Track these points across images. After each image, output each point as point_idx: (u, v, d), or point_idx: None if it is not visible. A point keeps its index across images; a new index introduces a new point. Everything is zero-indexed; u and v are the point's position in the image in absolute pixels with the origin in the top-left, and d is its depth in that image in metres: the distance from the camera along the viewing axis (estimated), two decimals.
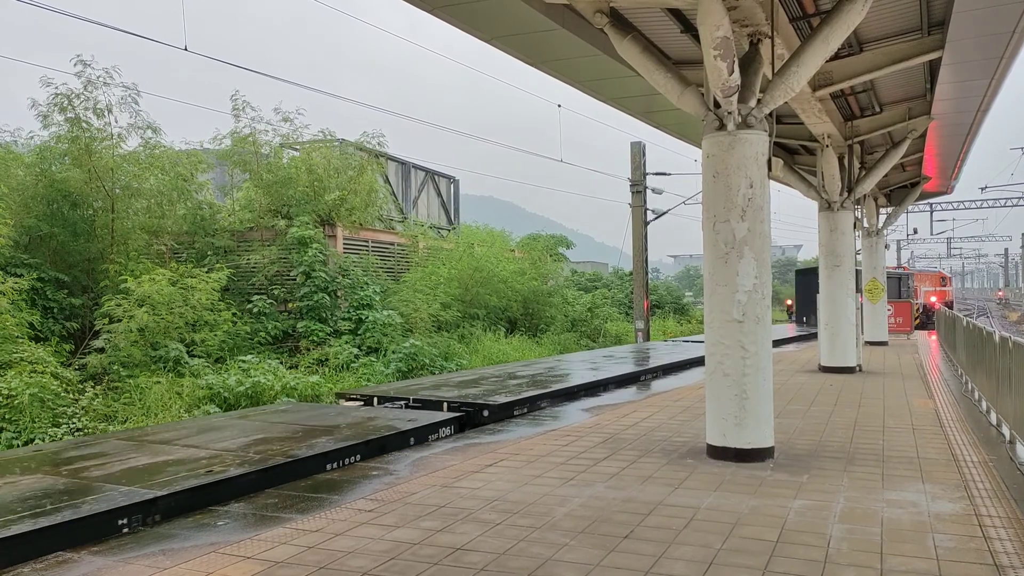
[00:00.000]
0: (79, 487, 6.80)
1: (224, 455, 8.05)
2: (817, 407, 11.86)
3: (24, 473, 7.37)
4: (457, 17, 9.89)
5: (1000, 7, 9.39)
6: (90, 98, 18.46)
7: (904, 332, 28.98)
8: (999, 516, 6.18)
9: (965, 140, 18.26)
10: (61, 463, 7.83)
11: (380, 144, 25.10)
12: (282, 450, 8.25)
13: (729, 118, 8.25)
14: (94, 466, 7.69)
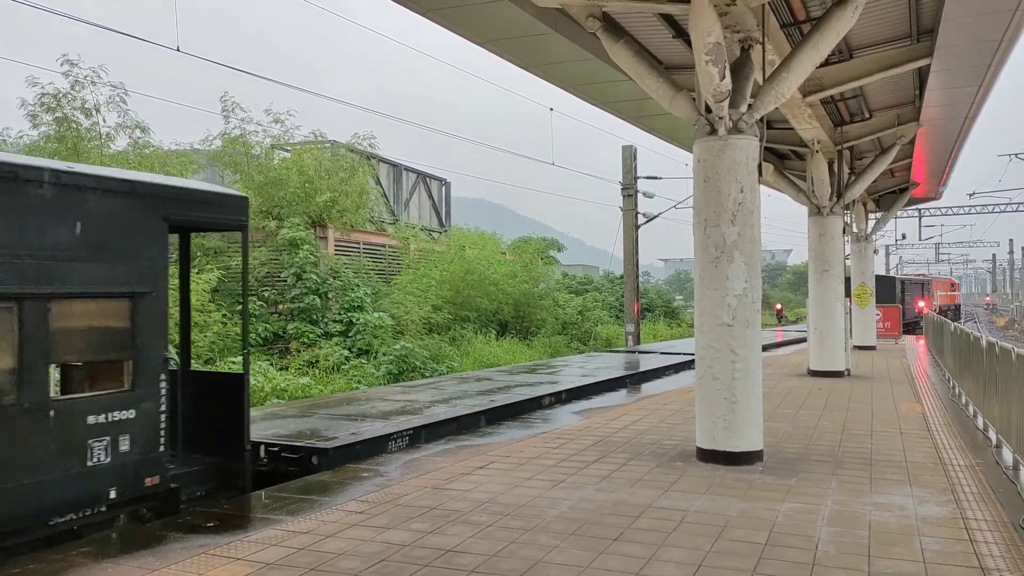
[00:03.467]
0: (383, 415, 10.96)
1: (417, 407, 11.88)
2: (806, 411, 11.93)
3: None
4: (450, 20, 9.91)
5: (988, 15, 9.49)
6: (77, 97, 18.37)
7: (892, 337, 29.15)
8: (986, 519, 6.24)
9: (953, 146, 18.41)
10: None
11: (371, 146, 25.10)
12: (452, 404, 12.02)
13: (720, 123, 8.30)
14: (352, 411, 11.60)
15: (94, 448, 6.20)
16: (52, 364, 6.05)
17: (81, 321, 6.27)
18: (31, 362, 5.75)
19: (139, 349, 6.52)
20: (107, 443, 6.30)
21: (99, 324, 6.41)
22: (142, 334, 6.54)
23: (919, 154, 19.36)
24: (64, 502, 6.01)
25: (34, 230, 5.80)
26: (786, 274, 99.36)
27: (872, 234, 25.93)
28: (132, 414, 6.45)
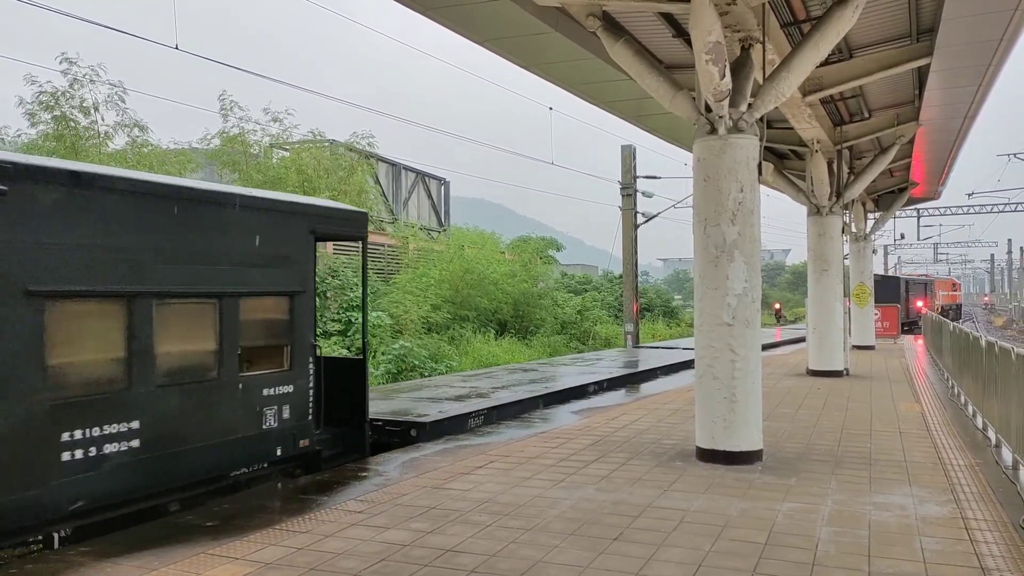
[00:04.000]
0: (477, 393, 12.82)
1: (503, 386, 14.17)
2: (805, 410, 11.93)
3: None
4: (450, 19, 9.90)
5: (988, 15, 9.49)
6: (76, 96, 18.33)
7: (891, 336, 29.17)
8: (985, 519, 6.24)
9: (952, 146, 18.41)
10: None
11: (370, 145, 25.05)
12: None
13: (720, 122, 8.30)
14: (426, 395, 13.10)
15: (267, 415, 7.86)
16: (239, 347, 7.52)
17: (257, 314, 7.80)
18: (226, 346, 7.36)
19: (295, 337, 8.17)
20: (275, 411, 7.94)
21: (269, 316, 7.97)
22: (297, 325, 8.18)
23: (918, 154, 19.37)
24: (244, 457, 7.58)
25: (227, 243, 7.38)
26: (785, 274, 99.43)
27: (871, 234, 25.94)
28: (291, 388, 8.11)
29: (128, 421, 6.45)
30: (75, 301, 6.12)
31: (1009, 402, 8.16)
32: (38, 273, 5.83)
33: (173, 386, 6.85)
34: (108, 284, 6.33)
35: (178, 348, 6.95)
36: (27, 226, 5.79)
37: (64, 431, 5.97)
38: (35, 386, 5.79)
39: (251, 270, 7.62)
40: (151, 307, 6.65)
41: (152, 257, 6.68)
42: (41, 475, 5.81)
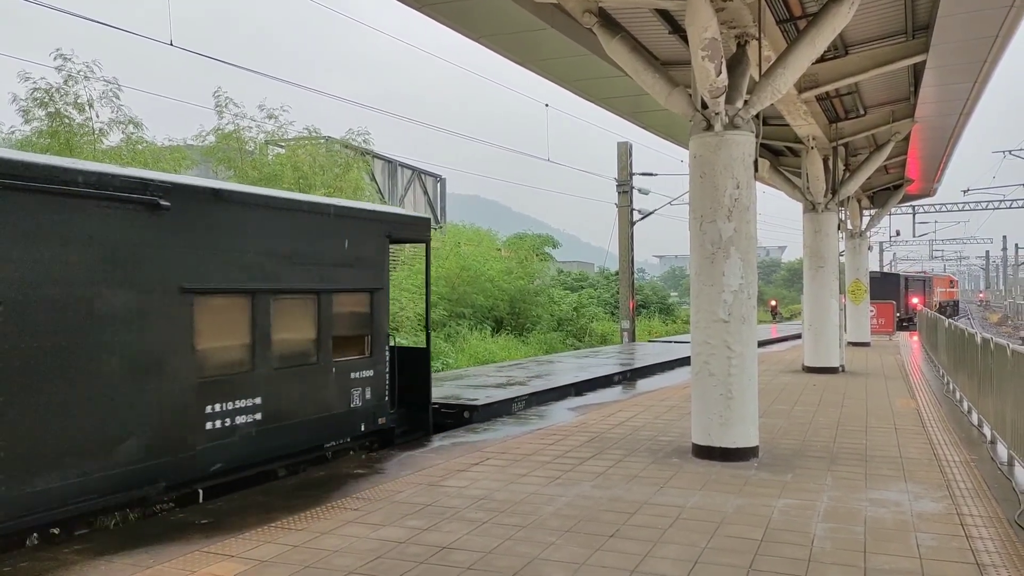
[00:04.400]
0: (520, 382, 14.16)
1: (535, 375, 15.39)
2: (801, 407, 11.94)
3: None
4: (446, 15, 9.87)
5: (984, 11, 9.49)
6: (70, 92, 18.24)
7: (887, 333, 29.23)
8: (981, 515, 6.25)
9: (948, 143, 18.44)
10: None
11: (366, 141, 24.98)
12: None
13: (716, 119, 8.29)
14: (470, 383, 14.07)
15: (353, 395, 9.07)
16: (332, 336, 8.73)
17: (345, 307, 8.97)
18: (323, 335, 8.59)
19: (375, 328, 9.41)
20: (360, 392, 9.16)
21: (354, 310, 9.13)
22: (376, 317, 9.41)
23: (914, 151, 19.39)
24: (336, 431, 8.81)
25: (323, 246, 8.57)
26: (781, 271, 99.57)
27: (866, 231, 25.98)
28: (371, 373, 9.33)
29: (253, 397, 7.73)
30: (215, 296, 7.34)
31: (1004, 398, 8.17)
32: (189, 273, 7.04)
33: (285, 368, 8.10)
34: (238, 283, 7.56)
35: (288, 336, 8.20)
36: (181, 234, 7.00)
37: (207, 404, 7.20)
38: (187, 366, 7.00)
39: (341, 270, 8.87)
40: (269, 302, 7.92)
41: (269, 259, 7.91)
42: (192, 440, 7.03)
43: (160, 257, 6.80)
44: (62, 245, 6.07)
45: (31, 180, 5.87)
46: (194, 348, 7.04)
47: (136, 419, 6.55)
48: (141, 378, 6.61)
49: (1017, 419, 7.51)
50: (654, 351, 22.74)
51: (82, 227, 6.22)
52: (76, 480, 6.07)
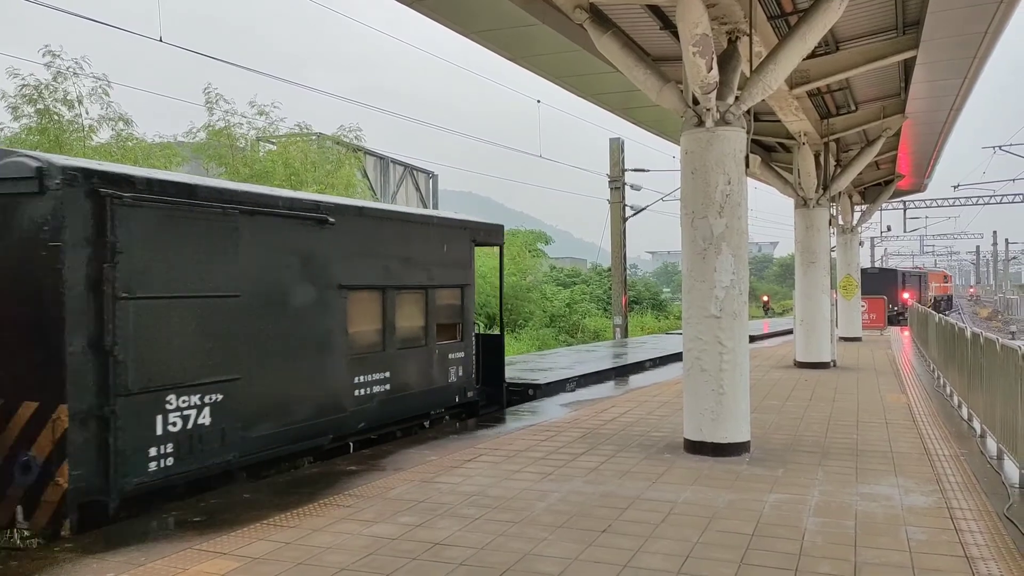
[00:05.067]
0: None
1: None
2: (792, 402, 11.99)
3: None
4: (436, 11, 9.85)
5: (974, 7, 9.53)
6: (59, 89, 18.13)
7: (878, 328, 29.36)
8: (970, 509, 6.29)
9: (938, 138, 18.51)
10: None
11: (357, 138, 24.94)
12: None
13: (708, 115, 8.30)
14: (520, 368, 15.81)
15: (450, 372, 10.88)
16: (436, 324, 10.56)
17: (444, 300, 10.82)
18: (429, 323, 10.43)
19: (464, 317, 11.27)
20: (455, 370, 10.99)
21: (450, 303, 10.97)
22: (466, 308, 11.28)
23: (904, 146, 19.46)
24: (437, 402, 10.69)
25: (429, 250, 10.44)
26: (773, 266, 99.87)
27: (858, 226, 26.06)
28: (462, 355, 11.18)
29: (384, 371, 9.59)
30: (360, 292, 9.20)
31: (994, 393, 8.22)
32: (344, 274, 8.88)
33: (404, 349, 9.97)
34: (374, 281, 9.44)
35: (406, 324, 10.04)
36: (339, 243, 8.82)
37: (355, 376, 9.07)
38: (343, 345, 8.85)
39: (441, 270, 10.70)
40: (394, 296, 9.77)
41: (394, 262, 9.78)
42: (346, 404, 8.89)
43: (327, 261, 8.66)
44: (273, 253, 7.94)
45: (255, 205, 7.72)
46: (347, 332, 8.93)
47: (316, 386, 8.44)
48: (318, 354, 8.47)
49: (1006, 413, 7.56)
50: (659, 344, 23.69)
51: (283, 239, 8.08)
52: (281, 430, 7.96)
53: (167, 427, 6.78)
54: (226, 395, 7.32)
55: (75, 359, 6.13)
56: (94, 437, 6.26)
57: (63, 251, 6.14)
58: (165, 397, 6.76)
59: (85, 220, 6.28)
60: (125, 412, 6.42)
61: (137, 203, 6.59)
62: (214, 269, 7.28)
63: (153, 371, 6.66)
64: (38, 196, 6.17)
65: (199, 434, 7.06)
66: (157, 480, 6.70)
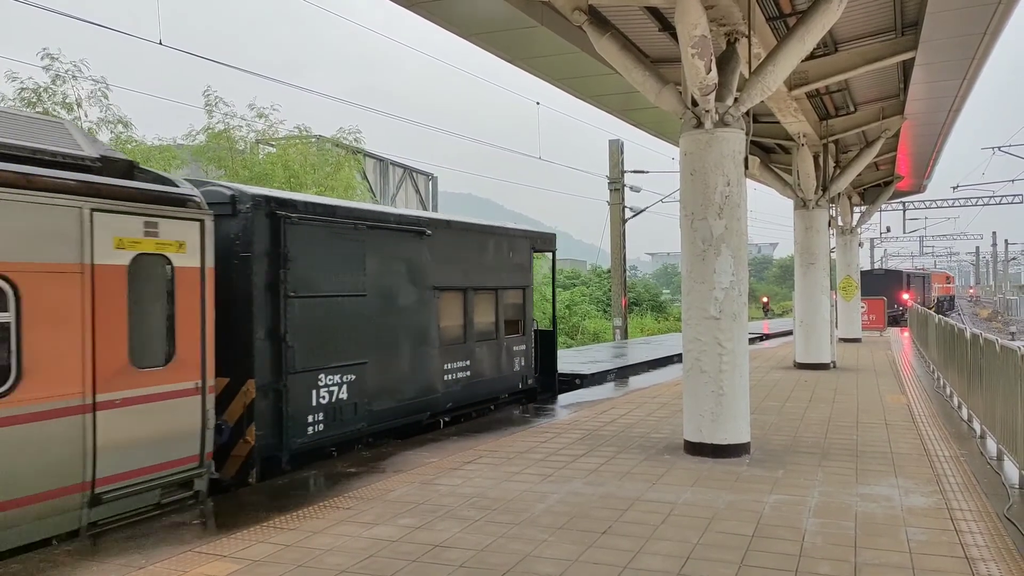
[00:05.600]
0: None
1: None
2: (792, 403, 11.99)
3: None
4: (435, 14, 9.86)
5: (972, 8, 9.54)
6: (58, 92, 18.13)
7: (878, 329, 29.35)
8: (970, 509, 6.29)
9: (937, 139, 18.52)
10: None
11: (357, 140, 24.93)
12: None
13: (707, 116, 8.31)
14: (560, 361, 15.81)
15: (515, 362, 12.63)
16: (504, 320, 12.21)
17: (509, 300, 12.47)
18: (499, 319, 12.07)
19: (525, 314, 12.92)
20: (518, 360, 12.68)
21: (514, 302, 12.64)
22: (526, 306, 12.94)
23: (903, 147, 19.47)
24: (504, 388, 12.37)
25: (498, 256, 12.08)
26: (772, 267, 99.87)
27: (857, 227, 26.06)
28: (524, 347, 12.86)
29: (465, 360, 11.25)
30: (447, 292, 10.84)
31: (994, 393, 8.22)
32: (436, 277, 10.53)
33: (480, 341, 11.59)
34: (458, 283, 11.11)
35: (482, 320, 11.66)
36: (433, 251, 10.46)
37: (445, 363, 10.75)
38: (437, 337, 10.54)
39: (507, 273, 12.36)
40: (473, 295, 11.41)
41: (472, 266, 11.43)
42: (438, 386, 10.60)
43: (424, 267, 10.28)
44: (387, 260, 9.66)
45: (375, 221, 9.46)
46: (439, 326, 10.56)
47: (418, 371, 10.17)
48: (419, 345, 10.18)
49: (1006, 414, 7.56)
50: (677, 344, 24.46)
51: (394, 249, 9.79)
52: (395, 406, 9.71)
53: (319, 400, 8.53)
54: (357, 376, 9.07)
55: (260, 344, 7.86)
56: (272, 405, 7.96)
57: (251, 260, 7.83)
58: (318, 376, 8.51)
59: (266, 235, 7.97)
60: (293, 386, 8.16)
61: (299, 221, 8.29)
62: (348, 273, 9.00)
63: (311, 355, 8.38)
64: (231, 217, 7.78)
65: (339, 406, 8.81)
66: (312, 442, 8.44)
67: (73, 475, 5.91)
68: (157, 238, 6.66)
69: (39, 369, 5.73)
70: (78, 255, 6.04)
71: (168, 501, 6.67)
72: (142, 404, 6.45)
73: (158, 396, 6.59)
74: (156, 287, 6.71)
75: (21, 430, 5.60)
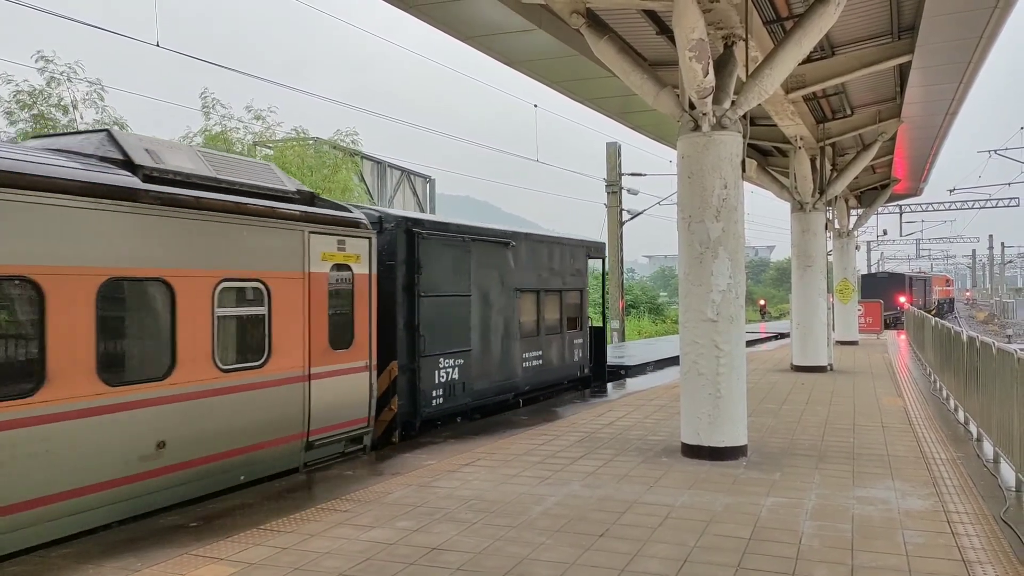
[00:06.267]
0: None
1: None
2: (789, 406, 12.00)
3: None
4: (433, 17, 9.86)
5: (968, 12, 9.56)
6: (53, 94, 18.09)
7: (874, 331, 29.38)
8: (967, 512, 6.30)
9: (934, 143, 18.56)
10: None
11: (354, 142, 24.88)
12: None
13: (704, 119, 8.32)
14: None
15: (575, 353, 14.65)
16: (566, 317, 14.22)
17: (570, 300, 14.48)
18: (562, 316, 14.05)
19: (582, 312, 14.96)
20: (577, 351, 14.70)
21: (574, 301, 14.66)
22: (583, 305, 15.01)
23: (900, 150, 19.51)
24: (566, 374, 14.34)
25: (561, 262, 14.09)
26: (769, 270, 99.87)
27: (854, 230, 26.11)
28: (581, 340, 14.92)
29: (538, 350, 13.28)
30: (524, 294, 12.83)
31: (990, 396, 8.24)
32: (517, 280, 12.59)
33: (548, 335, 13.60)
34: (532, 286, 13.06)
35: (550, 317, 13.69)
36: (515, 259, 12.53)
37: (522, 353, 12.76)
38: (518, 330, 12.58)
39: (569, 277, 14.38)
40: (543, 296, 13.43)
41: (542, 271, 13.41)
42: (518, 372, 12.63)
43: (509, 272, 12.33)
44: (484, 266, 11.69)
45: (476, 235, 11.56)
46: (519, 321, 12.62)
47: (505, 358, 12.22)
48: (507, 336, 12.23)
49: (1003, 417, 7.57)
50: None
51: (489, 257, 11.86)
52: (490, 386, 11.83)
53: (440, 378, 10.64)
54: (464, 361, 11.16)
55: (401, 333, 9.99)
56: (408, 382, 10.08)
57: (395, 267, 9.97)
58: (439, 359, 10.61)
59: (404, 248, 10.10)
60: (423, 367, 10.27)
61: (428, 236, 10.42)
62: (459, 277, 11.08)
63: (434, 342, 10.49)
64: (379, 234, 9.70)
65: (453, 385, 10.90)
66: (435, 412, 10.55)
67: (297, 426, 8.10)
68: (344, 252, 8.94)
69: (280, 349, 7.89)
70: (300, 265, 8.24)
71: (349, 451, 8.89)
72: (336, 377, 8.65)
73: (344, 371, 8.81)
74: (343, 289, 8.92)
75: (270, 392, 7.77)
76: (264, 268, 7.70)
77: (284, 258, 7.96)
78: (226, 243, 7.31)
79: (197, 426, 6.94)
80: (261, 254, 7.67)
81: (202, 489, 6.97)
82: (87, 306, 6.05)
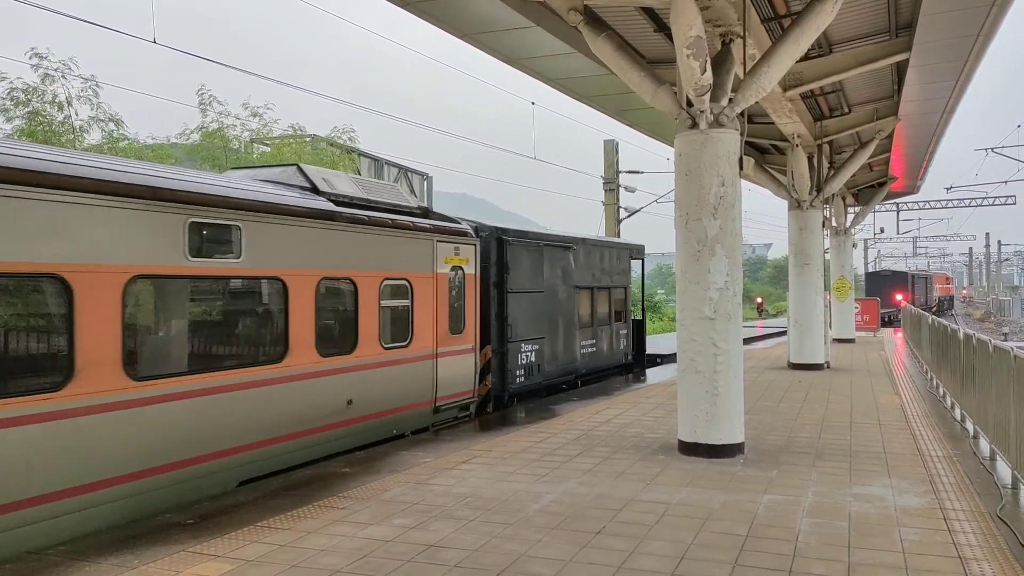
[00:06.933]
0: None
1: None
2: (786, 403, 12.01)
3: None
4: (431, 14, 9.84)
5: (966, 10, 9.57)
6: (48, 91, 18.02)
7: (871, 329, 29.42)
8: (963, 510, 6.31)
9: (931, 141, 18.58)
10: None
11: (351, 140, 24.85)
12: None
13: (701, 117, 8.32)
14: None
15: (621, 341, 17.03)
16: (613, 311, 16.52)
17: (616, 296, 16.69)
18: (611, 310, 16.42)
19: (625, 306, 17.15)
20: (622, 341, 17.05)
21: (619, 297, 16.85)
22: (627, 301, 17.24)
23: (897, 148, 19.52)
24: (613, 361, 16.66)
25: (609, 263, 16.29)
26: (767, 268, 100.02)
27: (851, 228, 26.13)
28: (625, 331, 17.23)
29: (592, 339, 15.37)
30: (581, 290, 14.86)
31: (987, 394, 8.25)
32: (576, 278, 14.65)
33: (599, 326, 15.72)
34: (586, 283, 15.12)
35: (601, 310, 15.76)
36: (575, 260, 14.57)
37: (580, 341, 14.81)
38: (576, 322, 14.63)
39: (616, 275, 16.51)
40: (594, 293, 15.46)
41: (594, 271, 15.44)
42: (576, 357, 14.67)
43: (570, 271, 14.33)
44: (552, 267, 13.70)
45: (546, 241, 13.67)
46: (578, 314, 14.64)
47: (567, 345, 14.24)
48: (568, 326, 14.26)
49: (999, 414, 7.59)
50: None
51: (555, 259, 13.85)
52: (557, 368, 13.88)
53: (521, 361, 12.69)
54: (538, 347, 13.21)
55: (493, 322, 12.02)
56: (499, 363, 12.15)
57: (489, 268, 12.05)
58: (521, 345, 12.66)
59: (495, 252, 12.19)
60: (510, 351, 12.34)
61: (513, 242, 12.48)
62: (534, 276, 13.08)
63: (518, 331, 12.53)
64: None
65: (530, 366, 12.95)
66: (517, 389, 12.61)
67: (429, 394, 10.36)
68: (459, 256, 11.14)
69: (419, 332, 10.17)
70: (431, 267, 10.48)
71: (460, 416, 11.16)
72: (453, 356, 10.88)
73: (458, 352, 11.03)
74: (457, 286, 11.12)
75: (413, 366, 10.06)
76: (409, 270, 9.98)
77: (421, 261, 10.26)
78: (386, 250, 9.55)
79: (371, 389, 9.19)
80: (407, 259, 9.95)
81: (375, 436, 9.24)
82: (311, 298, 8.33)
